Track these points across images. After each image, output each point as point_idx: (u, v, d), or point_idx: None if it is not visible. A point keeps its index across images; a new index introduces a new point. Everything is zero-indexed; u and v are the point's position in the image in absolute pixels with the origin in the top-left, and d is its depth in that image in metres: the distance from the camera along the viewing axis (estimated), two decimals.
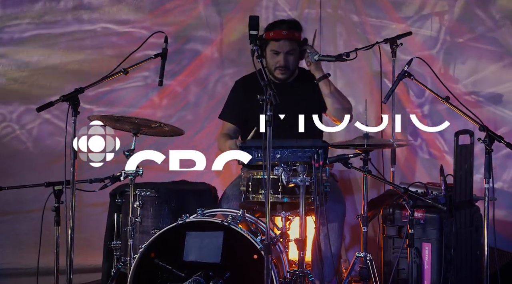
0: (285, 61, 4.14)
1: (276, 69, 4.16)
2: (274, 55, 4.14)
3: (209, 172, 5.02)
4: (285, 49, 4.13)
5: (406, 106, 5.09)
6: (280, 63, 4.14)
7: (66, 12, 5.05)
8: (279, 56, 4.13)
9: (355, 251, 5.07)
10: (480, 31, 4.94)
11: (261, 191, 3.64)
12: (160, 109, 5.11)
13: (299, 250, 3.47)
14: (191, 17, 5.18)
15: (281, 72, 4.16)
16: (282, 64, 4.14)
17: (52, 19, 5.04)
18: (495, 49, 4.92)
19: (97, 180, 3.71)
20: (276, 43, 4.12)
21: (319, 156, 3.44)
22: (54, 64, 5.05)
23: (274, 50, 4.13)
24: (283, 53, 4.13)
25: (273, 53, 4.14)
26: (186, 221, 3.49)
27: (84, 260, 4.56)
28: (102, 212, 4.63)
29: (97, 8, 5.10)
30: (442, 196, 3.80)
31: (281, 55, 4.13)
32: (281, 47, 4.13)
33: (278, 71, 4.16)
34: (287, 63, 4.15)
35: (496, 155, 4.24)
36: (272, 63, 4.16)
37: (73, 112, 3.32)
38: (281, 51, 4.13)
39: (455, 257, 3.80)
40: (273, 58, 4.15)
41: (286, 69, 4.17)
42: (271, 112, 3.11)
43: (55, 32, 5.05)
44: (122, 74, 3.56)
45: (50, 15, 5.03)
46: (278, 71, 4.16)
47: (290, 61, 4.16)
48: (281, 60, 4.14)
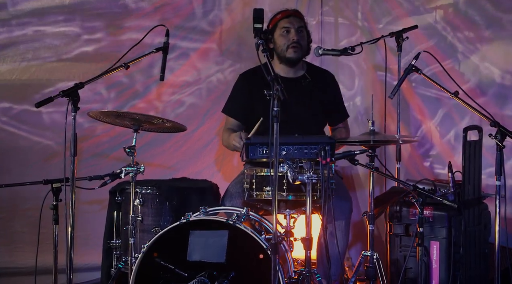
0: (297, 36, 4.07)
1: (288, 48, 4.07)
2: (285, 33, 4.08)
3: (209, 168, 5.04)
4: (296, 25, 4.09)
5: (410, 102, 4.99)
6: (293, 38, 4.06)
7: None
8: (291, 33, 4.07)
9: (357, 249, 5.03)
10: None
11: (265, 188, 3.55)
12: (157, 104, 5.00)
13: (305, 249, 3.38)
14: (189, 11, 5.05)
15: (294, 49, 4.07)
16: (296, 38, 4.06)
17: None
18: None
19: (96, 178, 3.64)
20: (287, 20, 4.09)
21: (326, 153, 3.35)
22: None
23: (285, 27, 4.08)
24: (294, 29, 4.08)
25: (284, 31, 4.08)
26: (190, 219, 3.40)
27: (82, 259, 4.47)
28: (99, 210, 4.57)
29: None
30: (450, 193, 3.71)
31: (293, 31, 4.07)
32: (292, 23, 4.09)
33: (291, 50, 4.07)
34: (300, 39, 4.08)
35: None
36: (283, 42, 4.08)
37: (73, 107, 3.24)
38: (292, 27, 4.08)
39: (463, 255, 3.72)
40: (284, 36, 4.08)
41: (299, 46, 4.08)
42: (278, 108, 3.02)
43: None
44: (122, 68, 3.47)
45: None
46: (291, 49, 4.07)
47: (302, 37, 4.10)
48: (293, 35, 4.06)
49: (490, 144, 3.59)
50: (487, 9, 4.76)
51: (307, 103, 4.14)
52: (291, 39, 4.07)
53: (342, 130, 4.29)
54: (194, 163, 5.01)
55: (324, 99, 4.20)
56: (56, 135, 4.67)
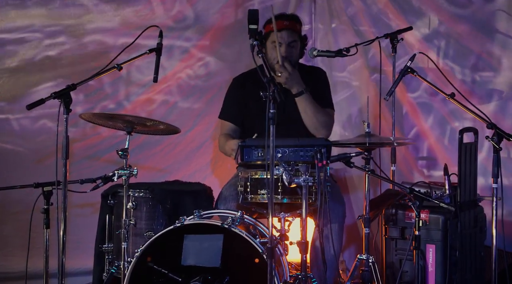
0: (287, 52, 3.99)
1: (277, 63, 4.00)
2: (275, 47, 3.98)
3: (202, 171, 4.99)
4: (287, 40, 4.01)
5: (404, 103, 4.97)
6: (283, 54, 3.97)
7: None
8: (281, 48, 3.98)
9: (350, 252, 4.99)
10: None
11: (260, 191, 3.51)
12: (150, 106, 4.95)
13: (301, 253, 3.34)
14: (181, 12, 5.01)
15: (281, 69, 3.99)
16: (285, 55, 3.98)
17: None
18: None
19: (88, 181, 3.58)
20: (279, 34, 3.97)
21: (322, 155, 3.31)
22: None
23: (275, 42, 3.98)
24: (284, 44, 3.99)
25: (274, 46, 3.98)
26: (184, 223, 3.35)
27: (73, 263, 4.42)
28: (91, 213, 4.52)
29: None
30: (446, 196, 3.69)
31: (283, 46, 3.99)
32: (283, 38, 4.00)
33: (277, 66, 3.99)
34: (289, 55, 4.00)
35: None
36: (273, 56, 4.01)
37: (65, 109, 3.18)
38: (283, 42, 4.00)
39: (459, 258, 3.69)
40: (274, 50, 3.99)
41: (288, 62, 4.00)
42: (275, 110, 2.98)
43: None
44: (115, 70, 3.42)
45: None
46: (277, 65, 3.99)
47: (292, 53, 4.02)
48: (283, 51, 3.98)
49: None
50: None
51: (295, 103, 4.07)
52: (281, 55, 3.96)
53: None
54: (187, 165, 4.96)
55: (315, 96, 4.13)
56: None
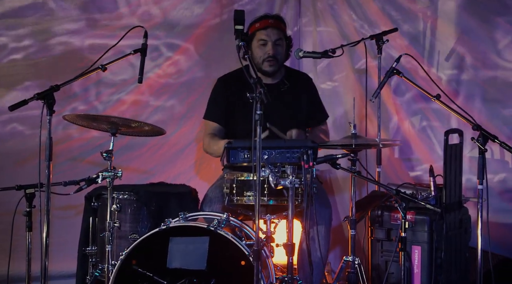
0: (274, 50, 3.98)
1: (264, 61, 3.99)
2: (261, 46, 3.98)
3: (187, 173, 4.96)
4: (273, 38, 4.00)
5: (389, 104, 4.97)
6: (269, 53, 3.97)
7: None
8: (267, 46, 3.98)
9: (335, 253, 4.98)
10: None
11: (246, 193, 3.50)
12: (134, 107, 4.90)
13: (288, 255, 3.32)
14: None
15: (270, 63, 4.00)
16: (272, 53, 3.98)
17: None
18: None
19: (72, 183, 3.55)
20: (264, 32, 3.98)
21: (309, 157, 3.30)
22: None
23: (262, 39, 3.98)
24: (271, 42, 3.99)
25: (261, 44, 3.98)
26: (170, 226, 3.31)
27: (56, 266, 4.35)
28: (74, 216, 4.47)
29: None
30: (432, 197, 3.69)
31: (270, 44, 3.98)
32: (269, 36, 3.99)
33: (267, 63, 4.00)
34: (276, 53, 4.00)
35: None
36: (259, 55, 4.00)
37: (48, 110, 3.14)
38: (269, 40, 3.99)
39: (445, 260, 3.69)
40: (260, 49, 3.99)
41: (275, 60, 4.00)
42: (261, 111, 2.96)
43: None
44: (99, 70, 3.38)
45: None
46: (267, 63, 4.00)
47: (278, 51, 4.02)
48: (270, 49, 3.97)
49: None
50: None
51: (287, 109, 4.09)
52: (267, 53, 3.99)
53: (316, 132, 4.22)
54: (172, 167, 4.93)
55: (303, 103, 4.15)
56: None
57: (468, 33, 4.81)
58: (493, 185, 4.44)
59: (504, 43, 4.75)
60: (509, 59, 4.75)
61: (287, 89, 4.12)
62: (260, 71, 4.00)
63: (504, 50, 4.74)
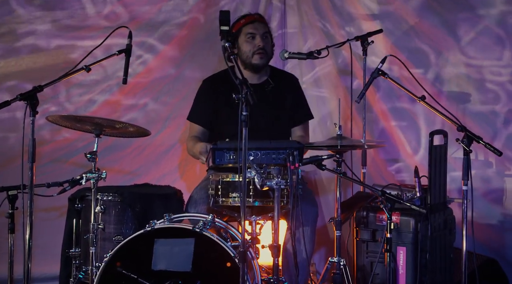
0: (263, 42, 4.01)
1: (254, 54, 4.01)
2: (250, 39, 4.02)
3: (171, 174, 4.93)
4: (261, 31, 4.04)
5: (373, 105, 4.98)
6: (259, 44, 4.00)
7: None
8: (256, 39, 4.01)
9: (320, 254, 4.98)
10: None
11: (231, 194, 3.49)
12: (118, 108, 4.87)
13: (273, 256, 3.31)
14: (151, 12, 4.94)
15: (260, 55, 4.01)
16: (261, 45, 4.00)
17: None
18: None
19: (55, 184, 3.52)
20: (251, 25, 4.03)
21: (295, 158, 3.29)
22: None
23: (249, 33, 4.01)
24: (259, 35, 4.02)
25: (249, 37, 4.02)
26: (155, 227, 3.29)
27: (39, 269, 4.31)
28: (57, 217, 4.44)
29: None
30: (417, 198, 3.71)
31: (258, 37, 4.02)
32: (256, 29, 4.03)
33: (257, 56, 4.01)
34: (265, 45, 4.02)
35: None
36: (248, 49, 4.02)
37: (31, 111, 3.11)
38: (257, 33, 4.02)
39: (430, 260, 3.70)
40: (249, 43, 4.02)
41: (265, 52, 4.02)
42: (247, 112, 2.95)
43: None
44: (83, 71, 3.35)
45: None
46: (257, 55, 4.01)
47: (266, 43, 4.05)
48: (259, 41, 4.00)
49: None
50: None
51: (271, 109, 4.08)
52: (257, 45, 4.01)
53: (296, 133, 4.21)
54: (156, 168, 4.89)
55: (287, 103, 4.15)
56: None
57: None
58: (477, 186, 4.45)
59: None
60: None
61: (272, 89, 4.11)
62: (249, 66, 4.01)
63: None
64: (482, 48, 4.77)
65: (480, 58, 4.79)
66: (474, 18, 4.78)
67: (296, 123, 4.21)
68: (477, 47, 4.78)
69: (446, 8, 4.83)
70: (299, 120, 4.22)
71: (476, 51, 4.78)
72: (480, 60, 4.79)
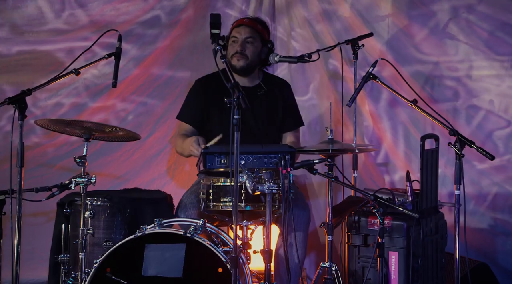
0: (241, 47, 4.01)
1: (233, 57, 4.01)
2: (232, 43, 4.04)
3: (161, 178, 4.89)
4: (244, 35, 4.02)
5: (364, 109, 4.97)
6: (237, 48, 4.00)
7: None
8: (237, 42, 4.02)
9: (310, 259, 4.96)
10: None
11: (222, 199, 3.46)
12: (107, 112, 4.82)
13: (265, 262, 3.28)
14: (141, 14, 4.90)
15: (237, 58, 4.00)
16: (239, 49, 4.00)
17: None
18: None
19: (43, 189, 3.47)
20: (236, 29, 4.05)
21: (287, 162, 3.27)
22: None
23: (233, 37, 4.04)
24: (240, 39, 4.02)
25: (232, 41, 4.04)
26: (146, 233, 3.25)
27: (27, 274, 4.27)
28: (44, 222, 4.38)
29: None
30: (409, 202, 3.68)
31: (239, 41, 4.01)
32: (239, 32, 4.04)
33: (235, 58, 4.00)
34: (243, 49, 4.01)
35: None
36: (230, 52, 4.03)
37: (20, 115, 3.08)
38: (239, 37, 4.02)
39: (422, 265, 3.69)
40: (231, 46, 4.04)
41: (242, 56, 4.00)
42: (239, 116, 2.93)
43: None
44: (73, 74, 3.31)
45: None
46: (235, 58, 4.00)
47: (248, 48, 4.02)
48: (238, 45, 4.01)
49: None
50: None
51: (262, 113, 4.07)
52: (235, 49, 4.00)
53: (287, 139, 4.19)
54: (146, 172, 4.86)
55: (279, 108, 4.13)
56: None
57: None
58: (468, 190, 4.45)
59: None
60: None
61: (264, 93, 4.09)
62: (233, 69, 3.98)
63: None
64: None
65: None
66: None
67: (287, 129, 4.19)
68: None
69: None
70: (290, 126, 4.20)
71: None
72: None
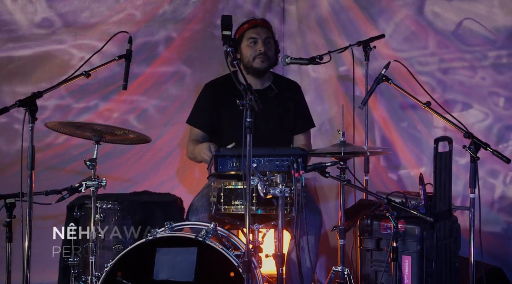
0: (265, 47, 3.97)
1: (255, 58, 3.96)
2: (251, 44, 3.98)
3: (170, 181, 4.86)
4: (263, 35, 4.00)
5: (375, 112, 4.92)
6: (260, 49, 3.96)
7: None
8: (258, 43, 3.98)
9: (320, 263, 4.91)
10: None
11: (234, 202, 3.42)
12: (117, 114, 4.80)
13: (277, 266, 3.24)
14: (150, 17, 4.88)
15: (261, 59, 3.97)
16: (263, 49, 3.96)
17: None
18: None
19: (53, 192, 3.43)
20: (254, 30, 3.99)
21: (299, 165, 3.23)
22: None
23: (251, 38, 3.98)
24: (261, 40, 3.98)
25: (250, 42, 3.98)
26: (157, 236, 3.22)
27: (36, 278, 4.21)
28: (54, 225, 4.33)
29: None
30: (422, 206, 3.64)
31: (260, 42, 3.98)
32: (259, 33, 4.00)
33: (258, 60, 3.96)
34: (267, 50, 3.98)
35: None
36: (250, 53, 3.98)
37: (30, 118, 3.06)
38: (260, 37, 3.99)
39: (435, 269, 3.64)
40: (250, 47, 3.98)
41: (266, 57, 3.98)
42: (252, 118, 2.90)
43: None
44: (83, 77, 3.29)
45: None
46: (258, 59, 3.96)
47: (269, 49, 4.01)
48: (261, 46, 3.97)
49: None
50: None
51: (274, 115, 4.04)
52: (258, 50, 3.97)
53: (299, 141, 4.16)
54: (154, 175, 4.84)
55: (290, 110, 4.10)
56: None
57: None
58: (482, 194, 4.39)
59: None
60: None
61: (275, 95, 4.06)
62: (252, 71, 3.97)
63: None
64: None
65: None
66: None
67: (298, 131, 4.16)
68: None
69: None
70: (301, 128, 4.17)
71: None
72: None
